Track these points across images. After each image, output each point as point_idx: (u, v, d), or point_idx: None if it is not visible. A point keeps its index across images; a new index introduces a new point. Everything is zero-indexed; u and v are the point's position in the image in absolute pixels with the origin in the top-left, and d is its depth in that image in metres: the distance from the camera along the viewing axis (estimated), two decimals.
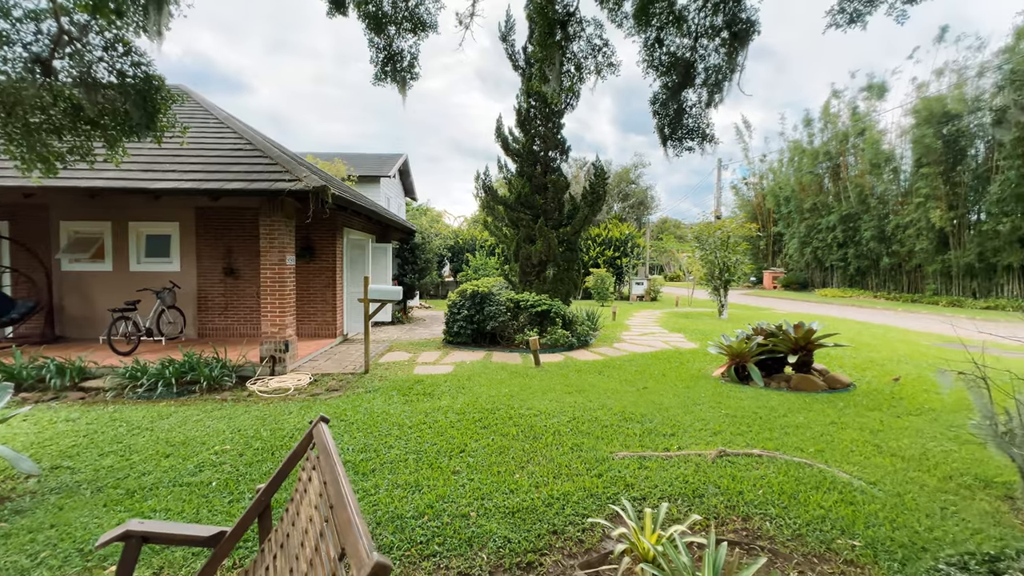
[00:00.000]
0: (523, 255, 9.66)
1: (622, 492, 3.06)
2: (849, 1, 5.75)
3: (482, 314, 8.63)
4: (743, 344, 6.20)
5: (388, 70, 6.39)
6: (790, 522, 2.72)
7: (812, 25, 57.06)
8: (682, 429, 4.27)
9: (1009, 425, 2.79)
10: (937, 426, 4.41)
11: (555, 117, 9.56)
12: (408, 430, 4.20)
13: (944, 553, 1.87)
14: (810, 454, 3.73)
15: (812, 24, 48.75)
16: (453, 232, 24.97)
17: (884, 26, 69.65)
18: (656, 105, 6.74)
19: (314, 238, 9.05)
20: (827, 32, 5.97)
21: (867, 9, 5.69)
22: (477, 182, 10.25)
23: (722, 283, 13.97)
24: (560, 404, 4.99)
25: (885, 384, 5.98)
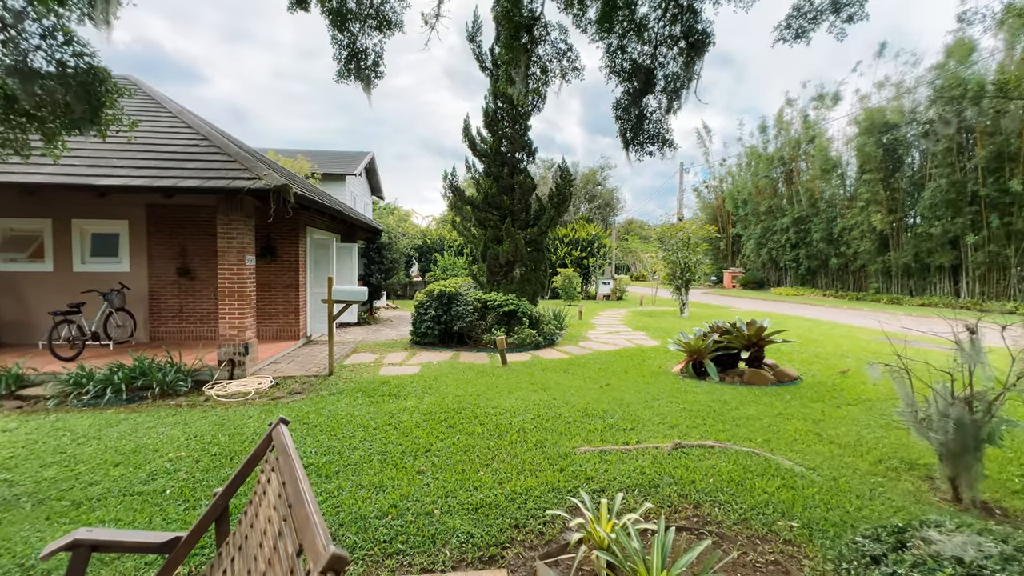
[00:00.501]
0: (491, 255, 9.72)
1: (583, 485, 3.17)
2: (795, 18, 6.11)
3: (449, 314, 8.64)
4: (700, 341, 6.49)
5: (352, 68, 6.31)
6: (737, 507, 2.91)
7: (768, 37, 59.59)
8: (641, 423, 4.45)
9: (927, 412, 3.08)
10: (871, 415, 4.78)
11: (522, 119, 9.66)
12: (373, 431, 4.18)
13: (862, 528, 2.07)
14: (758, 443, 3.97)
15: (768, 36, 51.09)
16: (421, 232, 24.75)
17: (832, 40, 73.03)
18: (619, 111, 6.94)
19: (276, 237, 8.80)
20: (775, 46, 6.34)
21: (811, 26, 6.06)
22: (445, 182, 10.25)
23: (683, 282, 14.49)
24: (525, 402, 5.09)
25: (829, 377, 6.39)
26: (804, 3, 5.89)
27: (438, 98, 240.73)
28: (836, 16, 5.85)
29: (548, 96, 9.70)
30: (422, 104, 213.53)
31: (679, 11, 6.51)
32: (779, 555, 2.47)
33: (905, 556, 1.53)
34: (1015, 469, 3.47)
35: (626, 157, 7.02)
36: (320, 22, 5.67)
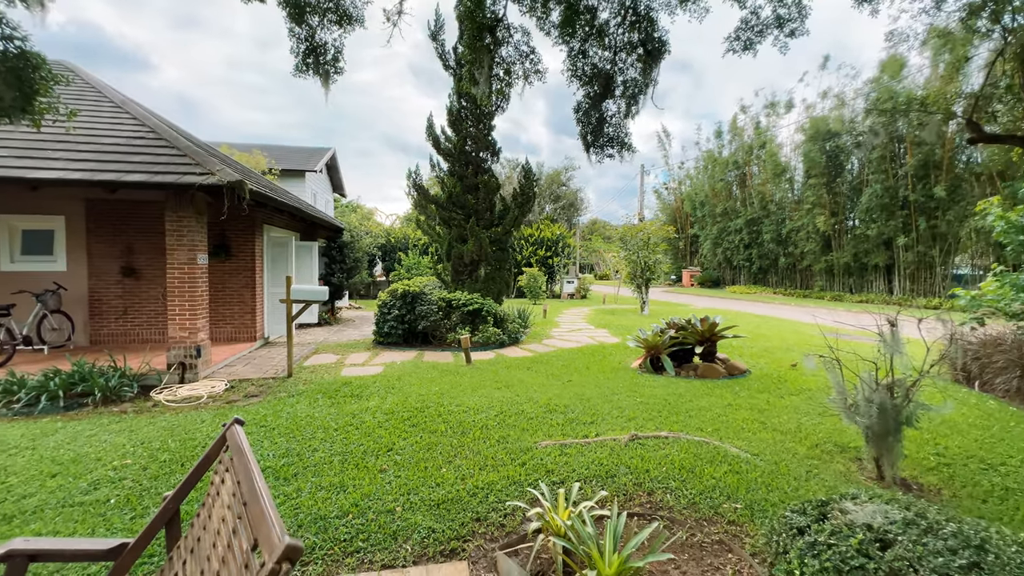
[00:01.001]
0: (455, 254, 9.71)
1: (543, 478, 3.27)
2: (743, 31, 6.45)
3: (413, 314, 8.58)
4: (658, 337, 6.75)
5: (310, 62, 6.17)
6: (687, 493, 3.08)
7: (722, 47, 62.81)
8: (601, 417, 4.60)
9: (855, 398, 3.37)
10: (811, 403, 5.14)
11: (486, 119, 9.71)
12: (334, 432, 4.13)
13: (790, 503, 2.26)
14: (708, 433, 4.20)
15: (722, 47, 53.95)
16: (385, 230, 24.32)
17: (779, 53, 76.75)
18: (580, 113, 7.11)
19: (230, 235, 8.46)
20: (726, 56, 6.67)
21: (757, 39, 6.42)
22: (409, 180, 10.15)
23: (644, 281, 14.96)
24: (489, 399, 5.15)
25: (775, 369, 6.80)
26: (751, 17, 6.23)
27: (403, 94, 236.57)
28: (780, 30, 6.23)
29: (512, 97, 9.79)
30: (386, 100, 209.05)
31: (637, 19, 6.74)
32: (723, 535, 2.64)
33: (825, 526, 1.71)
34: (930, 449, 3.84)
35: (587, 159, 7.20)
36: (277, 12, 5.49)
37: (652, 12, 6.41)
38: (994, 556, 1.41)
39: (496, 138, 9.98)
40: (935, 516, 1.66)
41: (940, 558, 1.40)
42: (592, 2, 6.55)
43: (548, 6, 6.62)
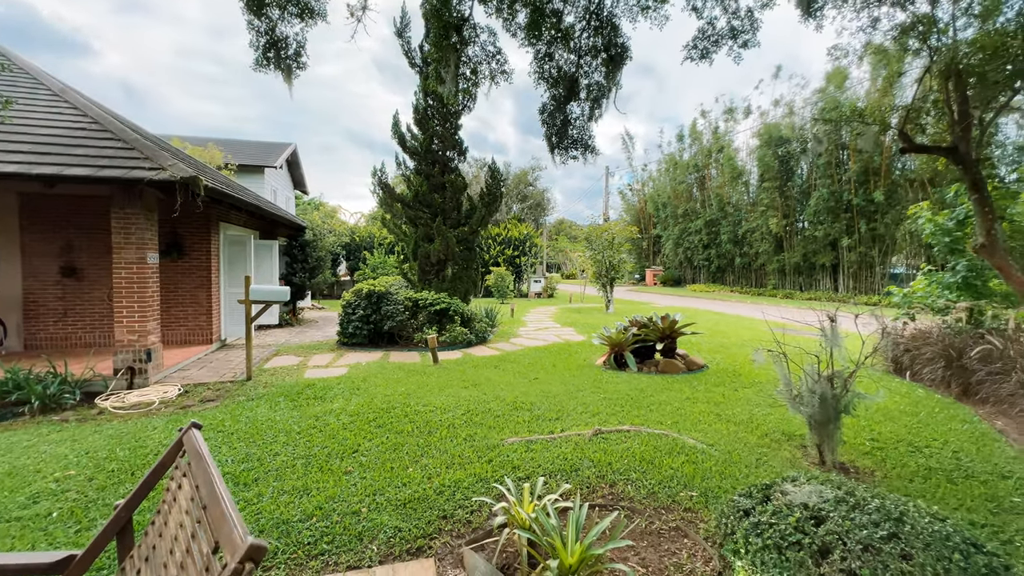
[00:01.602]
0: (422, 254, 9.64)
1: (509, 474, 3.33)
2: (700, 40, 6.73)
3: (379, 314, 8.46)
4: (621, 335, 6.95)
5: (271, 57, 5.99)
6: (646, 483, 3.22)
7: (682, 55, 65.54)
8: (566, 413, 4.71)
9: (800, 389, 3.61)
10: (762, 395, 5.44)
11: (452, 118, 9.68)
12: (296, 436, 4.04)
13: (738, 488, 2.42)
14: (668, 426, 4.38)
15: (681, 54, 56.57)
16: (349, 229, 23.76)
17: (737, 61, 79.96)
18: (545, 115, 7.22)
19: (184, 233, 8.08)
20: (684, 63, 6.93)
21: (713, 48, 6.71)
22: (374, 178, 9.99)
23: (608, 280, 15.30)
24: (456, 399, 5.16)
25: (731, 364, 7.13)
26: (708, 27, 6.51)
27: (368, 90, 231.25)
28: (734, 41, 6.53)
29: (479, 97, 9.80)
30: (351, 95, 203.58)
31: (600, 24, 6.90)
32: (680, 522, 2.78)
33: (768, 507, 1.85)
34: (866, 435, 4.16)
35: (552, 160, 7.32)
36: (233, 1, 5.30)
37: (615, 18, 6.59)
38: (910, 527, 1.58)
39: (463, 137, 9.97)
40: (862, 494, 1.84)
41: (864, 531, 1.55)
42: (558, 6, 6.66)
43: (515, 8, 6.68)
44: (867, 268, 22.72)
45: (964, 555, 1.48)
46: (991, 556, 1.52)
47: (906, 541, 1.53)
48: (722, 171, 30.83)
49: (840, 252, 23.37)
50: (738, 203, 29.83)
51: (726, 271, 31.61)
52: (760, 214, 26.54)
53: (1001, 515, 2.85)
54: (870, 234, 21.87)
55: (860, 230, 22.08)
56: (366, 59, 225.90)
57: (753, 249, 27.94)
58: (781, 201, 25.71)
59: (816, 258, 24.29)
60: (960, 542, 1.53)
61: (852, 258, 22.80)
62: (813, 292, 24.78)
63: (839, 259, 23.64)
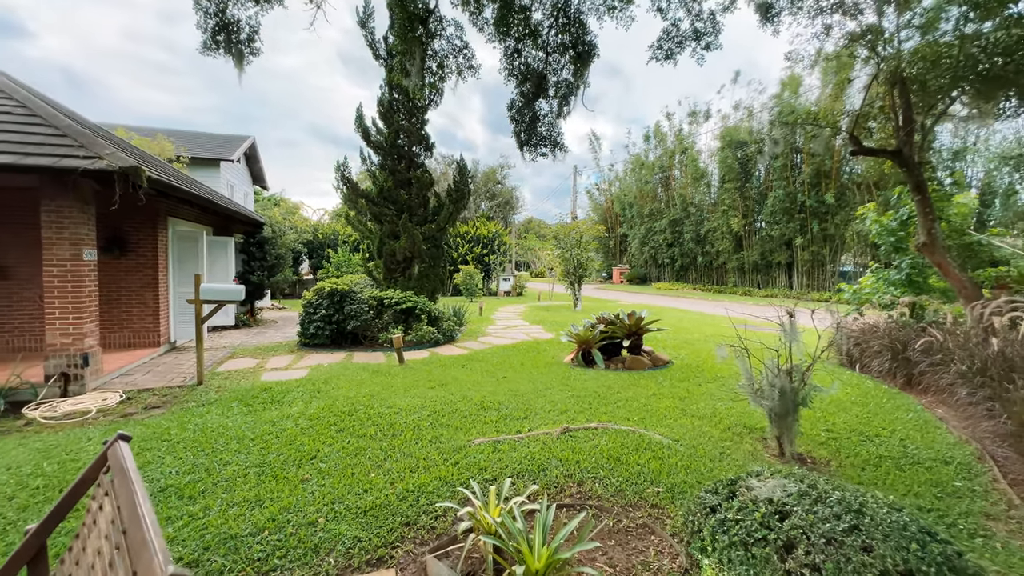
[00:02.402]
0: (387, 251, 9.39)
1: (476, 476, 3.24)
2: (665, 41, 6.83)
3: (342, 313, 8.17)
4: (589, 333, 6.98)
5: (221, 40, 5.66)
6: (614, 481, 3.20)
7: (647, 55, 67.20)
8: (534, 412, 4.66)
9: (761, 383, 3.69)
10: (724, 390, 5.57)
11: (419, 112, 9.46)
12: (250, 443, 3.81)
13: (705, 484, 2.44)
14: (635, 422, 4.41)
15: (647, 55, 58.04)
16: (312, 226, 22.97)
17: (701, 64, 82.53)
18: (513, 111, 7.15)
19: (127, 228, 7.53)
20: (649, 63, 7.01)
21: (677, 50, 6.81)
22: (338, 173, 9.64)
23: (576, 278, 15.43)
24: (422, 399, 5.03)
25: (695, 360, 7.29)
26: (672, 28, 6.61)
27: (332, 83, 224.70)
28: (697, 43, 6.66)
29: (445, 92, 9.61)
30: (314, 88, 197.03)
31: (568, 21, 6.89)
32: (647, 519, 2.77)
33: (734, 503, 1.85)
34: (821, 425, 4.31)
35: (521, 157, 7.27)
36: None
37: (582, 15, 6.59)
38: (870, 518, 1.61)
39: (430, 132, 9.78)
40: (824, 486, 1.87)
41: (827, 524, 1.57)
42: (525, 2, 6.60)
43: (481, 2, 6.58)
44: (819, 266, 23.90)
45: (921, 544, 1.52)
46: (945, 544, 1.56)
47: (867, 533, 1.55)
48: (685, 172, 31.71)
49: (794, 251, 24.48)
50: (700, 203, 30.75)
51: (689, 269, 32.55)
52: (721, 214, 27.46)
53: (945, 499, 3.00)
54: (822, 234, 23.01)
55: (812, 230, 23.19)
56: (329, 51, 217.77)
57: (714, 248, 28.89)
58: (741, 202, 26.70)
59: (773, 257, 25.36)
60: (916, 531, 1.57)
61: (805, 257, 23.92)
62: (770, 289, 25.86)
63: (794, 258, 24.76)
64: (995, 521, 2.73)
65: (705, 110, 30.66)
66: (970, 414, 4.31)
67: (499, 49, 6.98)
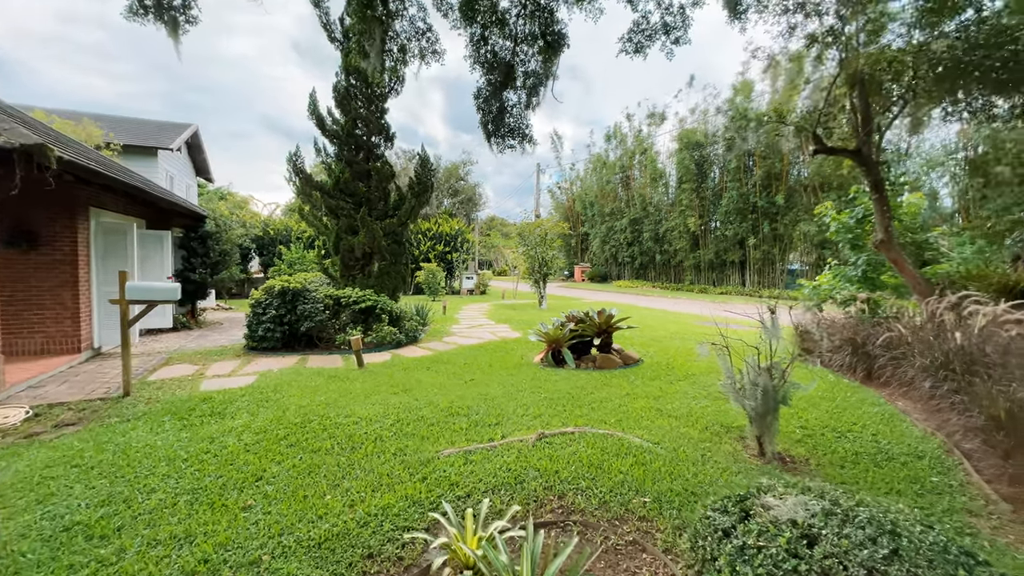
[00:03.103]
0: (344, 247, 8.82)
1: (446, 493, 2.92)
2: (635, 33, 6.71)
3: (295, 314, 7.57)
4: (558, 331, 6.78)
5: (150, 5, 5.00)
6: (597, 491, 2.97)
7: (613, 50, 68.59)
8: (506, 417, 4.38)
9: (742, 382, 3.58)
10: (697, 387, 5.51)
11: (378, 100, 8.94)
12: (182, 465, 3.31)
13: (709, 501, 2.25)
14: (612, 424, 4.22)
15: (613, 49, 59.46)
16: (263, 221, 21.65)
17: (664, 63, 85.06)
18: (480, 100, 6.82)
19: (39, 219, 6.61)
20: (619, 56, 6.89)
21: (647, 43, 6.71)
22: (289, 164, 8.96)
23: (542, 276, 15.29)
24: (384, 407, 4.63)
25: (664, 357, 7.25)
26: (642, 20, 6.50)
27: (286, 73, 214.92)
28: (666, 36, 6.59)
29: (407, 79, 9.15)
30: (267, 78, 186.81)
31: (537, 8, 6.63)
32: (636, 533, 2.56)
33: (751, 526, 1.65)
34: (796, 423, 4.29)
35: (489, 148, 6.96)
36: None
37: (552, 3, 6.35)
38: (907, 540, 1.46)
39: (390, 123, 9.26)
40: (847, 503, 1.71)
41: (865, 550, 1.40)
42: None
43: None
44: (769, 264, 25.03)
45: (967, 569, 1.37)
46: (988, 568, 1.43)
47: (910, 560, 1.39)
48: (645, 172, 32.41)
49: (747, 250, 25.53)
50: (659, 203, 31.52)
51: (648, 268, 33.32)
52: (679, 214, 28.23)
53: (926, 496, 2.97)
54: (772, 234, 24.09)
55: (764, 230, 24.24)
56: (282, 40, 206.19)
57: (672, 247, 29.69)
58: (697, 202, 27.55)
59: (727, 255, 26.34)
60: (958, 554, 1.43)
61: (757, 255, 24.99)
62: (724, 287, 26.85)
63: (746, 256, 25.81)
64: (977, 518, 2.72)
65: (662, 111, 31.43)
66: (931, 407, 4.42)
67: (464, 36, 6.65)
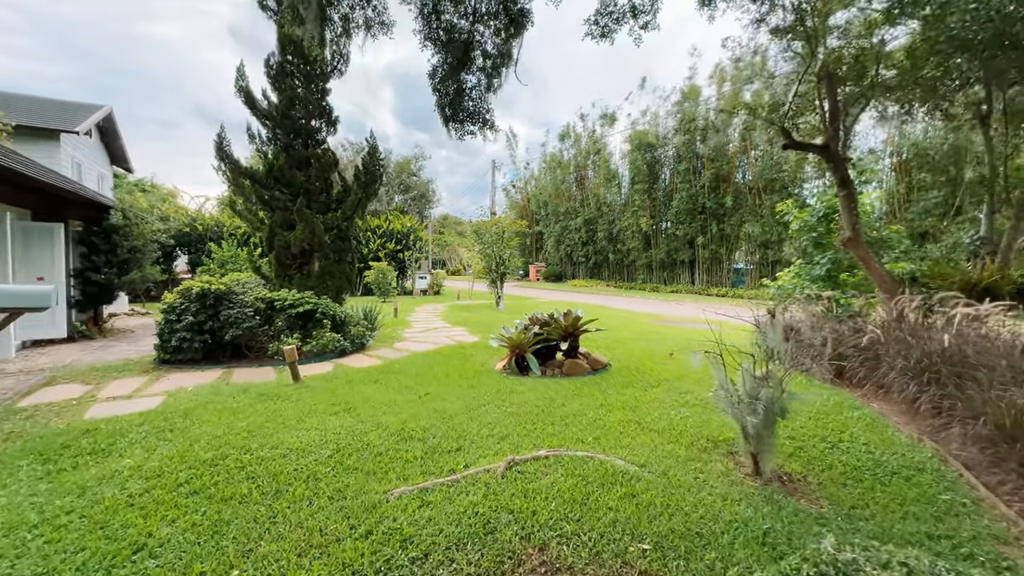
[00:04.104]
0: (279, 244, 7.81)
1: (397, 554, 2.28)
2: (602, 16, 6.27)
3: (218, 320, 6.53)
4: (522, 335, 6.23)
5: None
6: (585, 538, 2.44)
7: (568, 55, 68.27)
8: (468, 440, 3.77)
9: (739, 394, 3.19)
10: (672, 394, 5.15)
11: (319, 79, 8.00)
12: (27, 534, 2.43)
13: (695, 527, 1.77)
14: (589, 444, 3.72)
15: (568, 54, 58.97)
16: (190, 216, 19.58)
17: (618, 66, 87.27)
18: (436, 80, 6.14)
19: None
20: (584, 40, 6.43)
21: (615, 27, 6.30)
22: (217, 148, 7.81)
23: (499, 275, 14.73)
24: (322, 432, 3.87)
25: (632, 360, 6.88)
26: (610, 2, 6.09)
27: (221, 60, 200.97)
28: (635, 20, 6.20)
29: (353, 58, 8.27)
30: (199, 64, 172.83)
31: None
32: None
33: None
34: (784, 433, 3.98)
35: (447, 133, 6.29)
36: None
37: None
38: None
39: (333, 107, 8.33)
40: None
41: None
42: None
43: None
44: (717, 264, 25.91)
45: None
46: None
47: None
48: (599, 172, 32.71)
49: (696, 249, 26.30)
50: (613, 203, 31.91)
51: (602, 267, 33.68)
52: (632, 214, 28.66)
53: (945, 520, 2.68)
54: (719, 234, 24.93)
55: (712, 230, 25.04)
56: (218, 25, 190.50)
57: (626, 246, 30.12)
58: (649, 203, 28.08)
59: (678, 255, 27.01)
60: None
61: (706, 255, 25.79)
62: (675, 285, 27.53)
63: (696, 256, 26.59)
64: (1008, 546, 2.44)
65: (614, 112, 31.83)
66: (912, 411, 4.27)
67: (414, 10, 5.96)
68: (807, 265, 6.75)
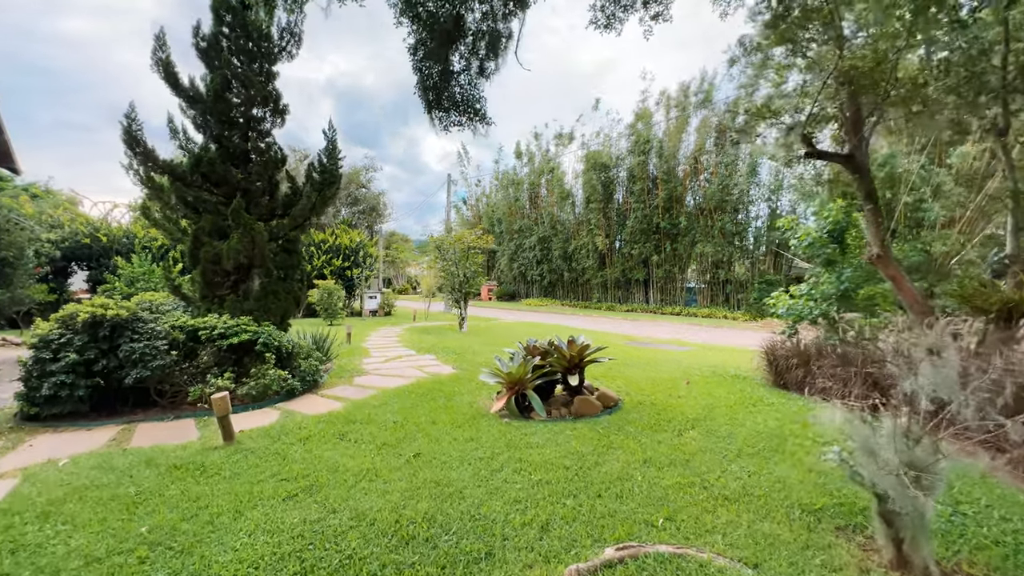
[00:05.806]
0: (207, 257, 6.22)
1: None
2: (608, 3, 5.56)
3: (116, 356, 4.88)
4: (522, 369, 5.16)
5: None
6: None
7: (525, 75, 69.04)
8: (498, 535, 2.63)
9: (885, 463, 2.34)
10: (713, 439, 4.28)
11: (263, 59, 6.63)
12: None
13: None
14: (663, 528, 2.71)
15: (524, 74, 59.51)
16: (91, 224, 16.64)
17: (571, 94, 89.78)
18: (416, 58, 5.07)
19: None
20: (588, 29, 5.64)
21: (622, 15, 5.56)
22: (124, 133, 6.15)
23: (463, 295, 13.57)
24: (273, 536, 2.56)
25: (638, 392, 6.01)
26: None
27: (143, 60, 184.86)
28: (645, 10, 5.55)
29: (303, 39, 6.96)
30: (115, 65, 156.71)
31: None
32: None
33: None
34: None
35: (430, 122, 5.18)
36: None
37: None
38: None
39: (280, 92, 6.94)
40: None
41: None
42: None
43: None
44: (671, 283, 26.28)
45: None
46: None
47: None
48: (552, 191, 32.58)
49: (651, 268, 26.55)
50: (567, 222, 31.80)
51: (556, 286, 33.29)
52: (587, 232, 28.60)
53: None
54: (673, 253, 25.34)
55: (666, 249, 25.41)
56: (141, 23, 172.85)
57: (580, 265, 29.94)
58: (604, 222, 28.17)
59: (632, 274, 27.15)
60: None
61: (660, 274, 26.08)
62: (630, 304, 27.58)
63: (650, 275, 26.84)
64: None
65: (571, 132, 32.04)
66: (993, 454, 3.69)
67: None
68: (822, 284, 6.29)
